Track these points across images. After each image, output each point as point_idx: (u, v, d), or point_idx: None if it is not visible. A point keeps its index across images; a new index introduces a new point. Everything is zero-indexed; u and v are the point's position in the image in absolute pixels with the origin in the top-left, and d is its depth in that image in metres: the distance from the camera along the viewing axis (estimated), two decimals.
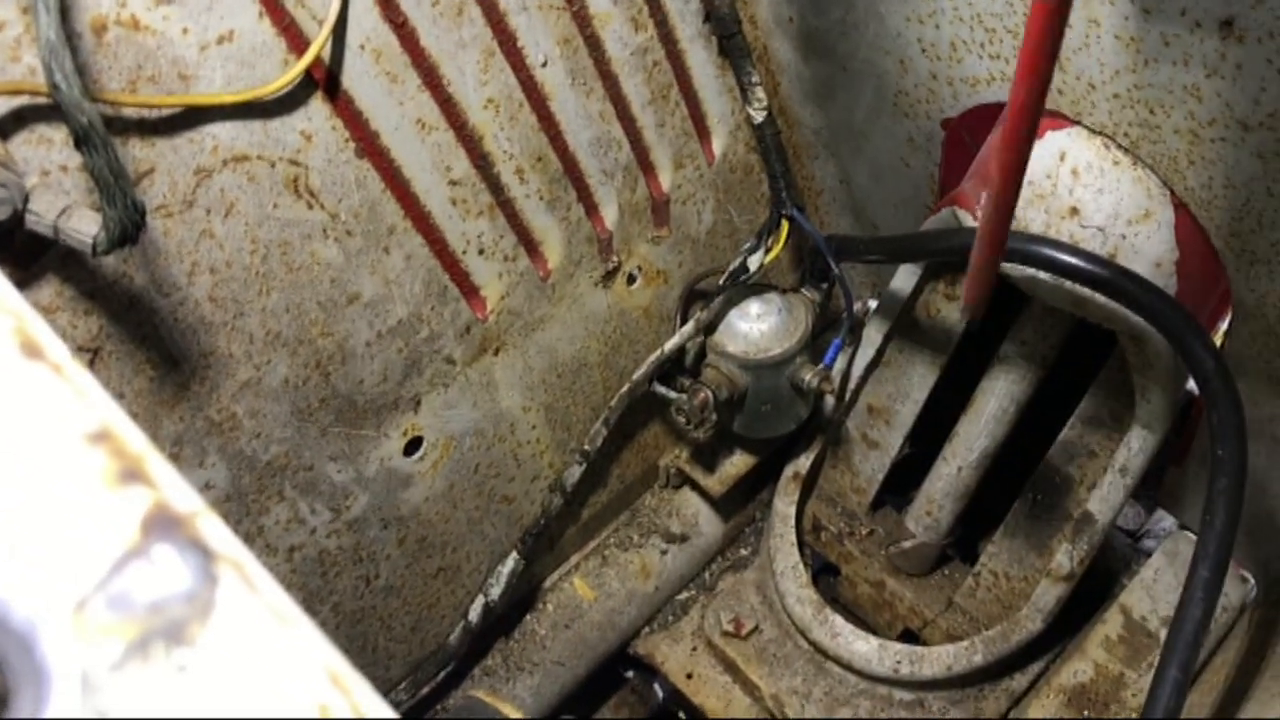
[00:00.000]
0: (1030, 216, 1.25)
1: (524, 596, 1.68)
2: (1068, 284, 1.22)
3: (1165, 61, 1.03)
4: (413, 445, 1.36)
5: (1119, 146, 1.17)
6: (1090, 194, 1.20)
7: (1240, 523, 1.14)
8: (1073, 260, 1.17)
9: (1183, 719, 1.10)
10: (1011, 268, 1.28)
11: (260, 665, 0.35)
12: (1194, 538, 1.27)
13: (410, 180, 1.20)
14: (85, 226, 0.87)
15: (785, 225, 1.58)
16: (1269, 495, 1.39)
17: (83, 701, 0.33)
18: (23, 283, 0.95)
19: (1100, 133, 1.18)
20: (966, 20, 1.19)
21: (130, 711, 0.34)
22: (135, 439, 0.41)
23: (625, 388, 1.54)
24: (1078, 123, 1.19)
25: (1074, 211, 1.22)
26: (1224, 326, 1.28)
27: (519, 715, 1.24)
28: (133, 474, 0.39)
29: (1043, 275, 1.24)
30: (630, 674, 1.82)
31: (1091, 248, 1.21)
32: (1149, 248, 1.21)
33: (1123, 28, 1.04)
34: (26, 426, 0.40)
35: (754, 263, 1.56)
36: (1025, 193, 1.25)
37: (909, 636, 1.70)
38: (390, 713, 0.38)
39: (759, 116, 1.51)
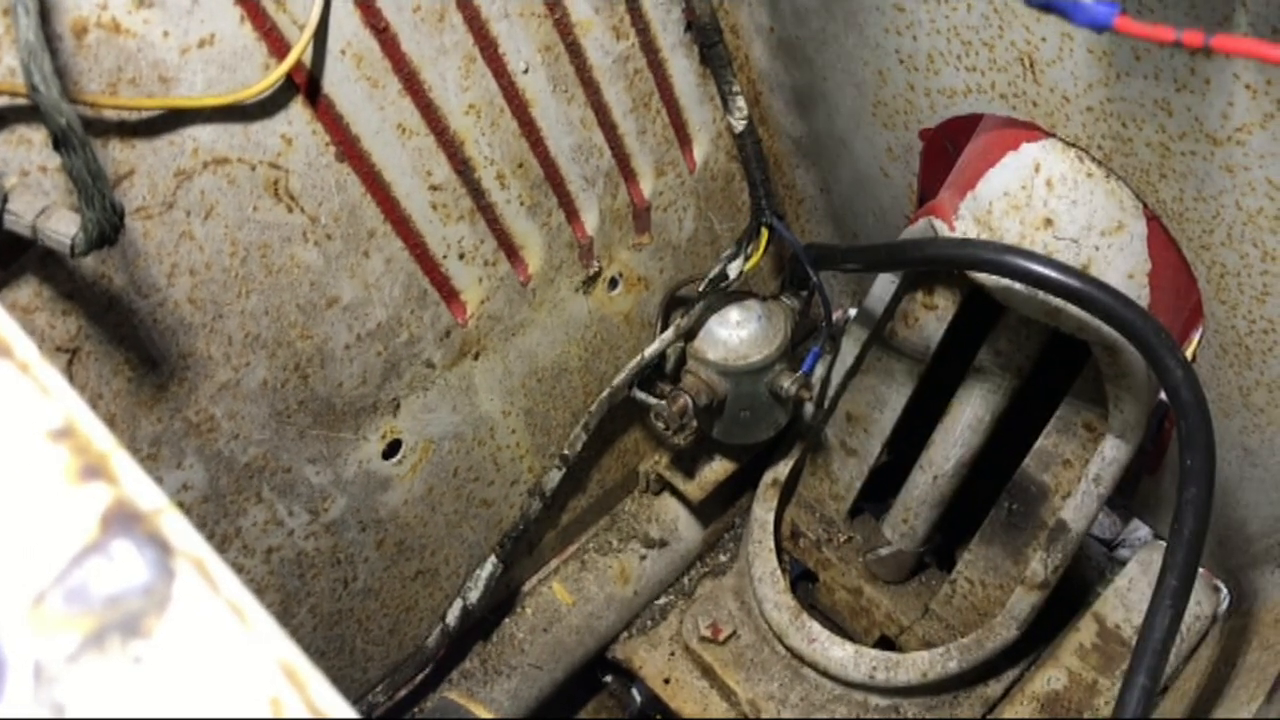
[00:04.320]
0: (1005, 227, 1.27)
1: (502, 600, 1.68)
2: (1042, 295, 1.24)
3: (1137, 75, 1.05)
4: (391, 448, 1.37)
5: (1092, 159, 1.19)
6: (1064, 205, 1.22)
7: (1212, 532, 1.16)
8: (1046, 271, 1.19)
9: None
10: (986, 278, 1.30)
11: (215, 658, 0.36)
12: None
13: (390, 184, 1.21)
14: (64, 227, 0.87)
15: (765, 233, 1.58)
16: (1241, 505, 1.41)
17: (36, 692, 0.34)
18: (1, 283, 0.95)
19: (1074, 145, 1.19)
20: (943, 32, 1.21)
21: (85, 702, 0.34)
22: (100, 437, 0.42)
23: (605, 393, 1.55)
24: (1052, 135, 1.21)
25: (1048, 223, 1.23)
26: (1196, 338, 1.29)
27: (491, 717, 1.24)
28: (94, 470, 0.39)
29: (1017, 286, 1.25)
30: (608, 678, 1.83)
31: (1065, 259, 1.22)
32: (1122, 259, 1.23)
33: (1095, 41, 1.06)
34: None
35: (734, 270, 1.56)
36: (1001, 203, 1.27)
37: (885, 643, 1.71)
38: (346, 709, 0.38)
39: (740, 125, 1.52)
